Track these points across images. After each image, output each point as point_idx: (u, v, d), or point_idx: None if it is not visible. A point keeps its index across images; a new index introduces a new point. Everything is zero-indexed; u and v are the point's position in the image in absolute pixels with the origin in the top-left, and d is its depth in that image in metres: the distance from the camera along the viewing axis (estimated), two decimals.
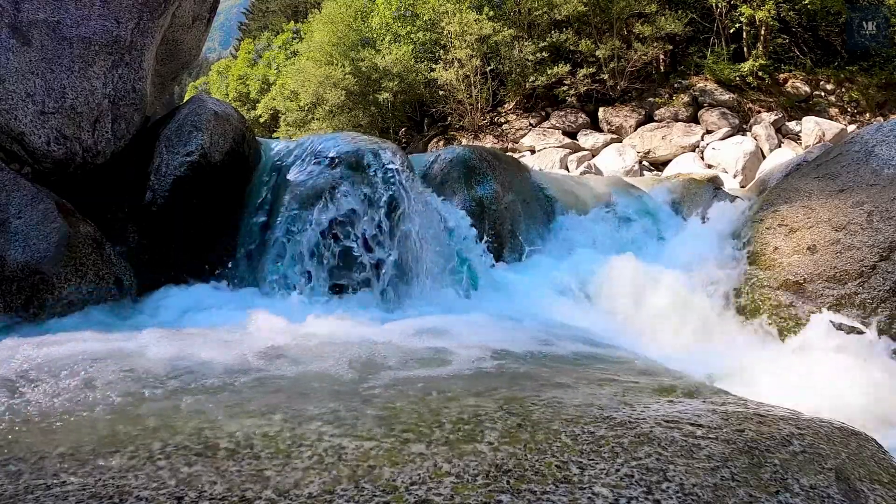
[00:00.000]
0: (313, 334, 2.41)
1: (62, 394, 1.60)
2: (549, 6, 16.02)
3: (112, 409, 1.51)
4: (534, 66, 16.25)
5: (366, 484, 1.06)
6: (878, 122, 5.97)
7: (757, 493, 1.07)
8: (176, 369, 1.86)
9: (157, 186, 3.36)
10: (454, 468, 1.12)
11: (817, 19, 15.53)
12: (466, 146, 4.61)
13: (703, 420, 1.38)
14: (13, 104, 2.98)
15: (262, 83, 27.69)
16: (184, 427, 1.36)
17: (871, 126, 3.97)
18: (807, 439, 1.31)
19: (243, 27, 39.42)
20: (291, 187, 3.54)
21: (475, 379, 1.89)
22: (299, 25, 27.71)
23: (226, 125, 3.64)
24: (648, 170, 14.07)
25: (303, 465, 1.15)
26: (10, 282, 2.66)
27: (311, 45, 21.13)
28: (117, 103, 3.39)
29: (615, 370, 2.11)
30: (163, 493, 1.03)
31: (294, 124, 22.32)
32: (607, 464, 1.14)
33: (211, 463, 1.15)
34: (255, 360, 2.01)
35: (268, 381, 1.80)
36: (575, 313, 3.36)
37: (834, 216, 3.51)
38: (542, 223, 4.61)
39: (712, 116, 14.47)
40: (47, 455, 1.19)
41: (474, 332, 2.62)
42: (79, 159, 3.23)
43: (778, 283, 3.54)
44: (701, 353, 3.09)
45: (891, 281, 3.20)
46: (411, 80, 17.96)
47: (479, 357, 2.15)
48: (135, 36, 3.42)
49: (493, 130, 17.26)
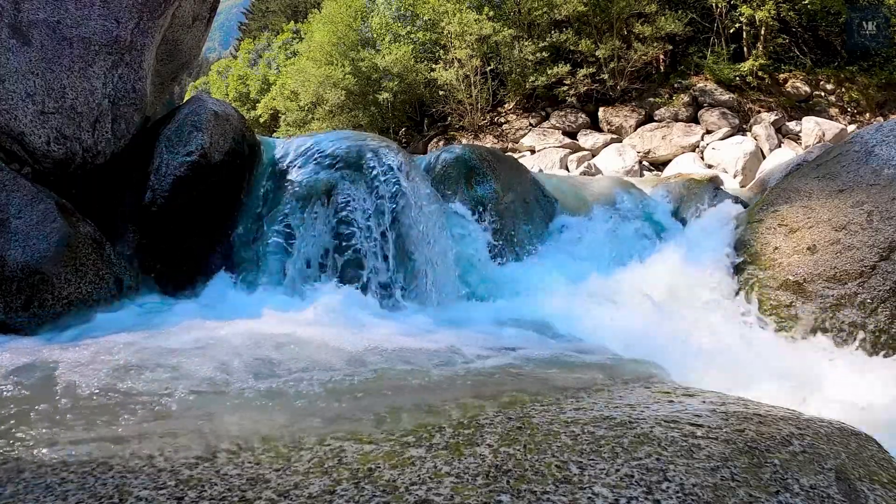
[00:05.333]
0: (311, 334, 2.41)
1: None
2: (549, 6, 16.01)
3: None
4: (534, 66, 16.25)
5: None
6: (878, 122, 5.97)
7: (757, 493, 1.07)
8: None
9: (157, 186, 3.36)
10: (453, 470, 1.12)
11: (817, 19, 15.52)
12: (466, 146, 4.60)
13: (702, 420, 1.38)
14: (13, 104, 2.98)
15: (262, 83, 27.69)
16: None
17: (871, 126, 3.97)
18: (807, 439, 1.31)
19: (243, 27, 39.42)
20: (292, 187, 3.54)
21: (476, 379, 1.89)
22: (299, 25, 27.70)
23: (226, 125, 3.63)
24: (648, 170, 14.07)
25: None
26: (10, 282, 2.66)
27: (311, 45, 21.13)
28: (117, 103, 3.39)
29: (615, 370, 2.11)
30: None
31: (294, 124, 22.32)
32: (607, 464, 1.14)
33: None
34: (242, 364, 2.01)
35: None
36: (575, 313, 3.36)
37: (834, 216, 3.50)
38: (542, 223, 4.61)
39: (712, 116, 14.46)
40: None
41: (475, 333, 2.62)
42: (79, 159, 3.22)
43: (778, 283, 3.54)
44: (701, 353, 3.09)
45: (891, 281, 3.19)
46: (411, 80, 17.96)
47: (480, 357, 2.15)
48: (135, 36, 3.41)
49: (493, 130, 17.26)
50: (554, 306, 3.47)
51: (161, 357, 2.02)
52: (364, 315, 2.93)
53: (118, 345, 2.19)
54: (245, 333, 2.38)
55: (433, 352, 2.21)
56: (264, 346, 2.19)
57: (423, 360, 2.08)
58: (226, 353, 2.09)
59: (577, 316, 3.31)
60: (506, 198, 4.35)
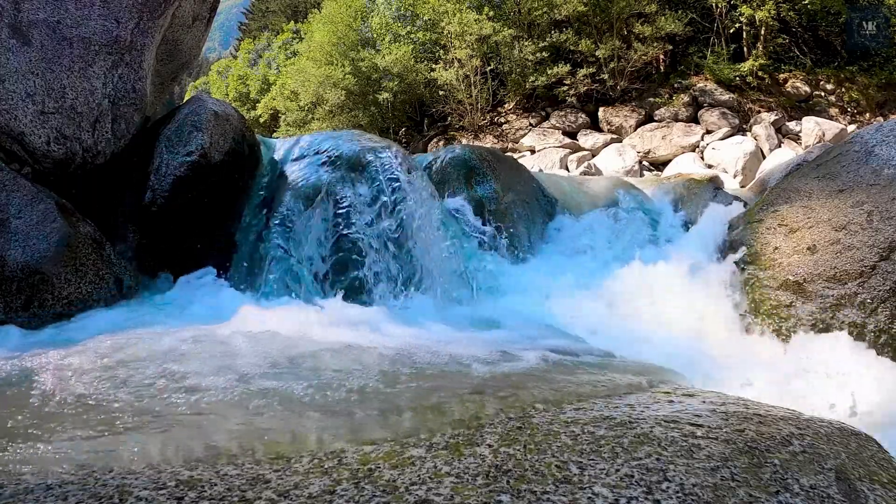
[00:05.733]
0: (311, 334, 2.41)
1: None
2: (549, 6, 16.02)
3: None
4: (534, 66, 16.25)
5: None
6: (878, 122, 5.97)
7: (757, 493, 1.07)
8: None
9: (157, 186, 3.36)
10: (453, 469, 1.12)
11: (817, 19, 15.53)
12: (466, 146, 4.61)
13: (702, 420, 1.38)
14: (13, 104, 2.98)
15: (262, 83, 27.69)
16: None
17: (871, 126, 3.97)
18: (807, 439, 1.31)
19: (243, 27, 39.43)
20: (292, 186, 3.54)
21: (476, 378, 1.89)
22: (299, 25, 27.71)
23: (226, 125, 3.63)
24: (648, 170, 14.07)
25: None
26: (10, 282, 2.66)
27: (311, 45, 21.14)
28: (117, 103, 3.39)
29: (615, 370, 2.11)
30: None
31: (294, 124, 22.33)
32: (607, 464, 1.14)
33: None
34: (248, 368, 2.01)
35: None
36: (575, 313, 3.36)
37: (834, 216, 3.50)
38: (542, 223, 4.61)
39: (712, 116, 14.47)
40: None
41: (475, 332, 2.62)
42: (79, 159, 3.22)
43: (778, 283, 3.54)
44: (701, 354, 3.09)
45: (891, 281, 3.19)
46: (411, 80, 17.97)
47: (479, 357, 2.15)
48: (135, 36, 3.42)
49: (493, 130, 17.26)
50: (553, 306, 3.47)
51: (161, 357, 2.02)
52: (363, 314, 2.93)
53: (118, 344, 2.19)
54: (245, 333, 2.38)
55: (432, 351, 2.21)
56: (264, 345, 2.19)
57: (422, 360, 2.08)
58: (226, 352, 2.09)
59: (577, 316, 3.32)
60: (506, 198, 4.35)
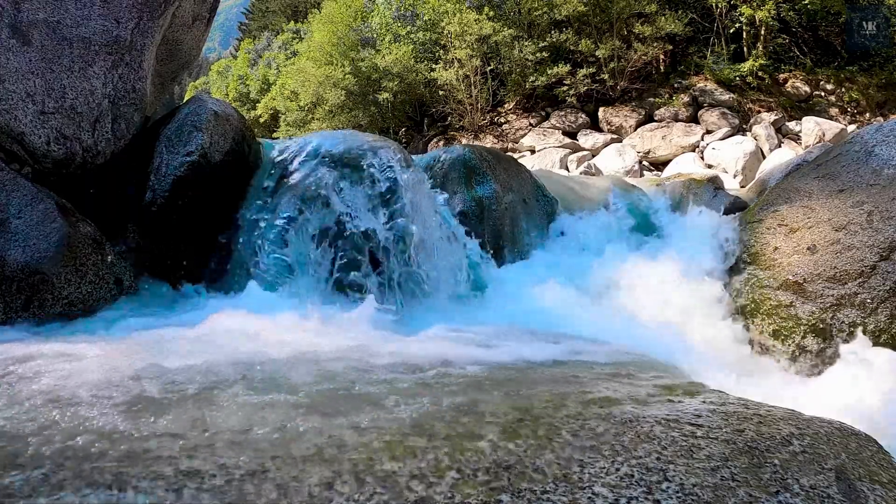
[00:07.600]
0: (310, 333, 2.41)
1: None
2: (549, 6, 16.02)
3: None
4: (534, 66, 16.25)
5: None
6: (878, 122, 5.97)
7: (757, 493, 1.07)
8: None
9: (157, 186, 3.36)
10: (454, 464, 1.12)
11: (817, 19, 15.52)
12: (466, 146, 4.60)
13: (703, 420, 1.38)
14: (13, 104, 2.98)
15: (262, 83, 27.69)
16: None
17: (871, 126, 3.97)
18: (807, 439, 1.31)
19: (243, 27, 39.45)
20: (292, 186, 3.54)
21: (476, 378, 1.89)
22: (299, 25, 27.71)
23: (226, 125, 3.63)
24: (648, 170, 14.07)
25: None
26: (9, 282, 2.66)
27: (310, 45, 21.14)
28: (117, 103, 3.39)
29: (614, 369, 2.11)
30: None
31: (294, 124, 22.33)
32: (607, 463, 1.14)
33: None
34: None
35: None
36: (575, 313, 3.36)
37: (834, 216, 3.50)
38: (542, 223, 4.61)
39: (712, 116, 14.46)
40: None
41: (475, 332, 2.62)
42: (79, 159, 3.22)
43: (778, 283, 3.54)
44: (701, 353, 3.09)
45: (891, 281, 3.19)
46: (411, 80, 17.95)
47: (478, 356, 2.15)
48: (135, 36, 3.41)
49: (493, 130, 17.26)
50: (553, 305, 3.48)
51: (161, 355, 2.02)
52: (362, 315, 2.93)
53: (117, 344, 2.19)
54: (245, 333, 2.38)
55: (432, 351, 2.21)
56: (263, 345, 2.19)
57: (422, 360, 2.08)
58: (226, 351, 2.09)
59: (577, 315, 3.32)
60: (506, 198, 4.35)
